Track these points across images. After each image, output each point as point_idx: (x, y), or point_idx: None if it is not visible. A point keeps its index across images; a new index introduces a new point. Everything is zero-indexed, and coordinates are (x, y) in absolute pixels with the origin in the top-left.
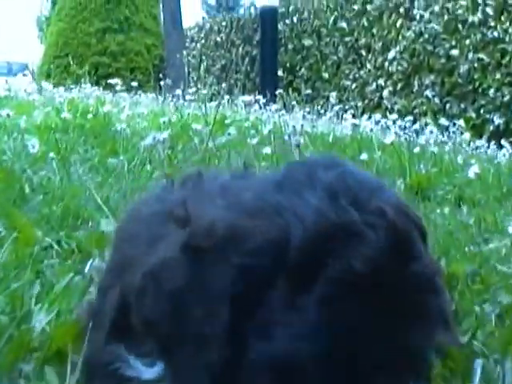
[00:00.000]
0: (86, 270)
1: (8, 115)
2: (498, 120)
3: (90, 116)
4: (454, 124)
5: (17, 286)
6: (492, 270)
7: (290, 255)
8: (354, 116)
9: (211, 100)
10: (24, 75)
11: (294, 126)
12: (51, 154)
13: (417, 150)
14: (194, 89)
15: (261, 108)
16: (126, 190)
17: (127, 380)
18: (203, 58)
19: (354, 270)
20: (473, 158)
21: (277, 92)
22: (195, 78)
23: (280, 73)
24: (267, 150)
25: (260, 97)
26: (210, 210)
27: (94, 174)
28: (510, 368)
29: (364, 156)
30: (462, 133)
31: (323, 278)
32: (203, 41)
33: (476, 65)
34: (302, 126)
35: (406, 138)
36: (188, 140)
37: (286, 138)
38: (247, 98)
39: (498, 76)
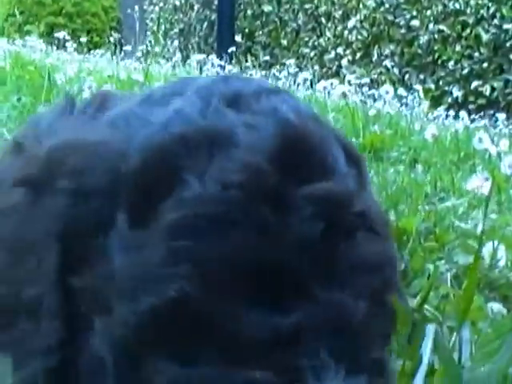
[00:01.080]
0: None
1: None
2: (456, 92)
3: (31, 68)
4: (413, 92)
5: None
6: (448, 228)
7: (129, 174)
8: (311, 81)
9: (167, 61)
10: None
11: None
12: None
13: (372, 112)
14: (143, 46)
15: (214, 68)
16: None
17: None
18: (161, 21)
19: (218, 184)
20: (430, 124)
21: (230, 50)
22: (153, 42)
23: (238, 38)
24: None
25: (213, 56)
26: (59, 133)
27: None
28: (467, 338)
29: None
30: (419, 104)
31: (173, 201)
32: (162, 4)
33: (436, 36)
34: None
35: (361, 100)
36: None
37: None
38: (200, 56)
39: (458, 48)
